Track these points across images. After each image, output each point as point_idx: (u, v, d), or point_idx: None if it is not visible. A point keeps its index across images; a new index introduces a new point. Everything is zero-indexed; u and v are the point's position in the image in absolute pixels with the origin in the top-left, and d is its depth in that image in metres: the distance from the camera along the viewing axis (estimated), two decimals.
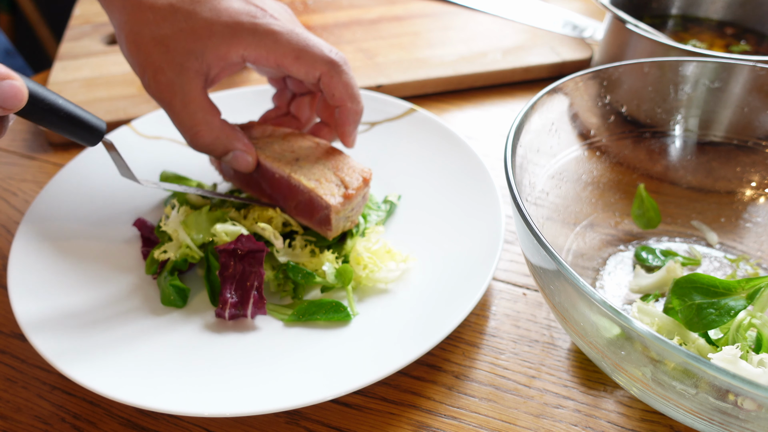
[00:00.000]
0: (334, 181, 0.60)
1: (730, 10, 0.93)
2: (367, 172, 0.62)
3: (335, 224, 0.60)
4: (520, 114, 0.54)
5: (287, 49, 0.58)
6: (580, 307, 0.44)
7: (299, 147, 0.64)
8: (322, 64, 0.59)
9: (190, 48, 0.56)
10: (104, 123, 0.55)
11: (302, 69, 0.59)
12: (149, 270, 0.62)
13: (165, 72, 0.56)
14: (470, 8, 1.12)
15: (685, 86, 0.65)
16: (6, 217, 0.74)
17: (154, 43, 0.56)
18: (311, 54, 0.58)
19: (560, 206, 0.63)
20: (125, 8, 0.57)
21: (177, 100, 0.57)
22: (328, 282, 0.59)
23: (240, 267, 0.58)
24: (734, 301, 0.49)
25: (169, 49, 0.56)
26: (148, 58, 0.56)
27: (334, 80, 0.59)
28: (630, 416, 0.53)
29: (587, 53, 0.98)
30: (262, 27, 0.57)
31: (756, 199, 0.65)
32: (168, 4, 0.56)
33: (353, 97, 0.61)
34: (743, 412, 0.38)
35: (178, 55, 0.56)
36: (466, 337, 0.59)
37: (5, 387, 0.56)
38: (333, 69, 0.59)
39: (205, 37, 0.56)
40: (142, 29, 0.56)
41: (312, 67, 0.59)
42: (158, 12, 0.56)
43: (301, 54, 0.58)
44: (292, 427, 0.52)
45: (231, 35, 0.57)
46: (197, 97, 0.58)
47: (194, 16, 0.56)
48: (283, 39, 0.57)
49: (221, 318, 0.57)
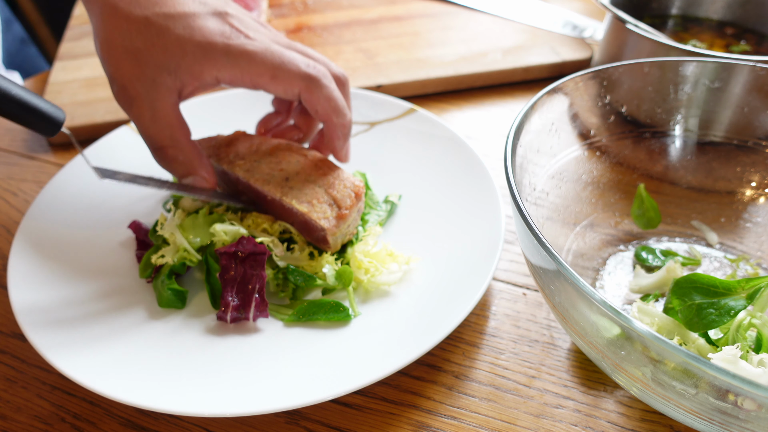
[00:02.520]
0: (326, 201, 0.60)
1: (730, 10, 0.93)
2: (359, 185, 0.61)
3: (333, 242, 0.61)
4: (520, 114, 0.54)
5: (262, 69, 0.56)
6: (580, 307, 0.44)
7: (288, 163, 0.63)
8: (300, 80, 0.57)
9: (163, 63, 0.55)
10: (63, 113, 0.53)
11: (280, 87, 0.58)
12: (143, 274, 0.62)
13: (134, 85, 0.55)
14: (470, 8, 1.12)
15: (685, 86, 0.65)
16: (6, 217, 0.74)
17: (125, 54, 0.55)
18: (287, 71, 0.57)
19: (560, 206, 0.63)
20: (102, 14, 0.55)
21: (146, 114, 0.56)
22: (329, 284, 0.59)
23: (241, 270, 0.58)
24: (734, 301, 0.49)
25: (140, 62, 0.55)
26: (118, 68, 0.55)
27: (315, 96, 0.58)
28: (630, 416, 0.53)
29: (587, 53, 0.98)
30: (235, 48, 0.56)
31: (756, 199, 0.65)
32: (143, 17, 0.55)
33: (337, 111, 0.60)
34: (743, 412, 0.38)
35: (149, 69, 0.55)
36: (466, 337, 0.59)
37: (5, 387, 0.56)
38: (312, 84, 0.58)
39: (178, 55, 0.55)
40: (115, 38, 0.55)
41: (290, 85, 0.58)
42: (132, 23, 0.54)
43: (277, 72, 0.57)
44: (292, 427, 0.52)
45: (203, 56, 0.55)
46: (168, 113, 0.56)
47: (167, 33, 0.55)
48: (258, 58, 0.56)
49: (223, 321, 0.57)
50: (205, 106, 0.80)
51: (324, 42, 1.02)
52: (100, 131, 0.84)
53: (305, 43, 1.02)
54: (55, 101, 0.88)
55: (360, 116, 0.79)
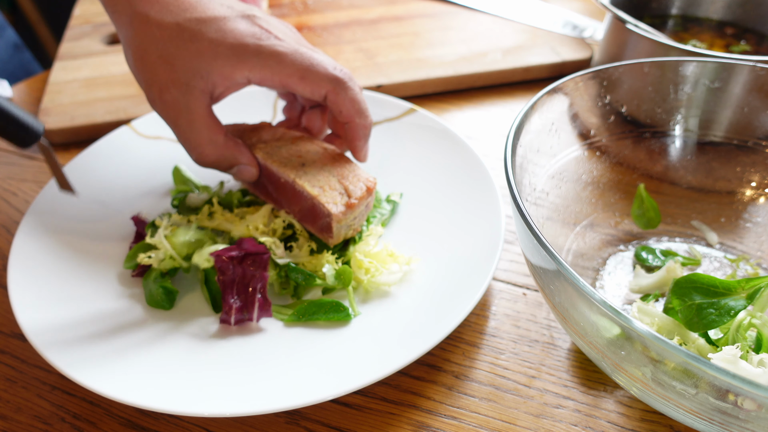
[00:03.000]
0: (338, 189, 0.60)
1: (730, 10, 0.93)
2: (372, 181, 0.62)
3: (336, 232, 0.61)
4: (520, 114, 0.54)
5: (292, 70, 0.58)
6: (580, 307, 0.44)
7: (306, 152, 0.64)
8: (327, 83, 0.59)
9: (196, 68, 0.56)
10: (41, 125, 0.53)
11: (308, 88, 0.59)
12: (127, 264, 0.62)
13: (170, 90, 0.57)
14: (470, 8, 1.12)
15: (685, 86, 0.65)
16: (6, 217, 0.74)
17: (160, 61, 0.56)
18: (316, 73, 0.58)
19: (560, 206, 0.63)
20: (132, 24, 0.57)
21: (182, 119, 0.58)
22: (328, 284, 0.59)
23: (240, 270, 0.58)
24: (734, 301, 0.49)
25: (175, 67, 0.56)
26: (154, 75, 0.57)
27: (341, 97, 0.60)
28: (630, 416, 0.53)
29: (587, 53, 0.98)
30: (267, 49, 0.57)
31: (756, 199, 0.65)
32: (175, 23, 0.56)
33: (361, 113, 0.62)
34: (743, 412, 0.38)
35: (183, 74, 0.56)
36: (466, 337, 0.59)
37: (5, 387, 0.56)
38: (338, 86, 0.59)
39: (210, 58, 0.56)
40: (148, 46, 0.56)
41: (317, 86, 0.59)
42: (165, 30, 0.56)
43: (306, 74, 0.58)
44: (292, 427, 0.52)
45: (236, 57, 0.57)
46: (202, 115, 0.58)
47: (200, 37, 0.56)
48: (287, 60, 0.58)
49: (226, 324, 0.57)
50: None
51: (324, 42, 1.03)
52: (100, 131, 0.84)
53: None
54: (55, 101, 0.88)
55: None
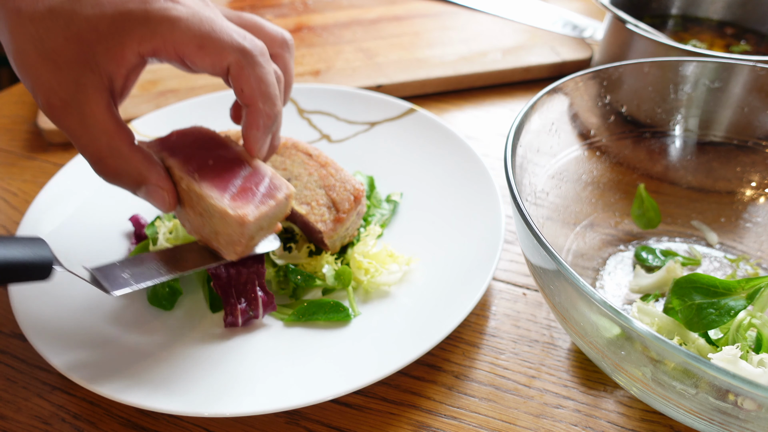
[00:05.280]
0: (325, 204, 0.60)
1: (730, 10, 0.93)
2: (359, 189, 0.61)
3: (331, 244, 0.61)
4: (520, 114, 0.54)
5: (187, 37, 0.47)
6: (580, 307, 0.44)
7: (292, 163, 0.63)
8: (231, 52, 0.48)
9: (81, 58, 0.47)
10: (49, 251, 0.45)
11: (207, 59, 0.48)
12: None
13: (57, 93, 0.47)
14: (470, 8, 1.12)
15: (685, 86, 0.65)
16: (6, 217, 0.74)
17: (41, 60, 0.47)
18: (217, 41, 0.48)
19: (560, 206, 0.63)
20: (6, 26, 0.48)
21: (75, 124, 0.48)
22: (328, 284, 0.59)
23: (234, 271, 0.57)
24: (734, 301, 0.49)
25: (58, 64, 0.47)
26: (37, 79, 0.47)
27: (245, 73, 0.49)
28: (630, 416, 0.53)
29: (587, 53, 0.98)
30: (156, 13, 0.47)
31: (756, 199, 0.65)
32: (47, 9, 0.46)
33: (266, 97, 0.50)
34: (743, 412, 0.38)
35: (70, 71, 0.47)
36: (466, 337, 0.59)
37: (5, 387, 0.56)
38: (244, 59, 0.49)
39: (94, 41, 0.46)
40: (26, 46, 0.47)
41: (218, 57, 0.48)
42: (39, 22, 0.46)
43: (205, 41, 0.47)
44: (292, 427, 0.52)
45: (120, 31, 0.46)
46: (100, 118, 0.48)
47: (75, 18, 0.46)
48: (182, 25, 0.47)
49: (234, 326, 0.57)
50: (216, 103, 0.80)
51: (324, 42, 1.02)
52: None
53: (305, 44, 1.02)
54: None
55: (360, 116, 0.79)
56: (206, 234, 0.53)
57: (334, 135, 0.78)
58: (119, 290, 0.48)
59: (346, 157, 0.75)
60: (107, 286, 0.48)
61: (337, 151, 0.76)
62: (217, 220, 0.51)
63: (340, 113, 0.80)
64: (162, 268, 0.52)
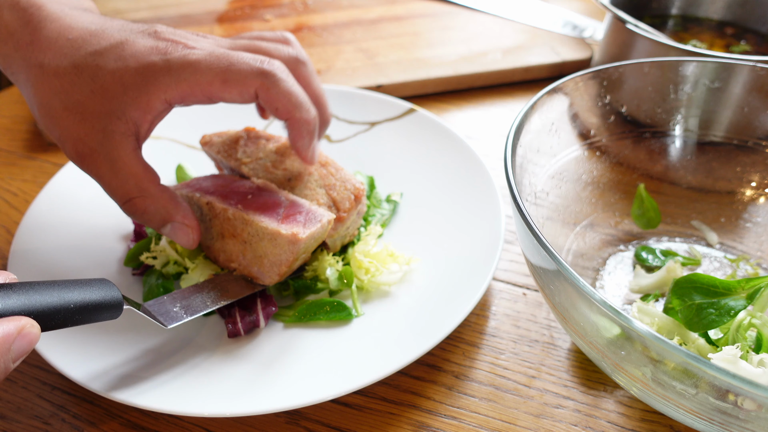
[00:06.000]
0: (326, 203, 0.60)
1: (730, 10, 0.93)
2: (359, 189, 0.61)
3: (332, 243, 0.61)
4: (520, 114, 0.54)
5: (210, 76, 0.50)
6: (580, 307, 0.44)
7: (291, 162, 0.63)
8: (254, 78, 0.51)
9: (108, 109, 0.50)
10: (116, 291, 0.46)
11: (234, 91, 0.52)
12: (128, 263, 0.62)
13: (85, 142, 0.50)
14: (470, 8, 1.12)
15: (685, 86, 0.65)
16: (6, 217, 0.74)
17: (67, 113, 0.50)
18: (237, 71, 0.51)
19: (560, 206, 0.63)
20: (29, 80, 0.51)
21: (105, 169, 0.51)
22: (332, 287, 0.59)
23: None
24: (734, 301, 0.49)
25: (85, 116, 0.50)
26: (65, 130, 0.50)
27: (272, 93, 0.52)
28: (630, 416, 0.53)
29: (587, 53, 0.98)
30: (176, 61, 0.50)
31: (756, 199, 0.65)
32: (71, 65, 0.50)
33: (299, 106, 0.54)
34: (743, 412, 0.38)
35: (97, 121, 0.50)
36: (466, 337, 0.59)
37: (5, 387, 0.56)
38: (267, 81, 0.52)
39: (120, 93, 0.50)
40: (51, 100, 0.50)
41: (244, 86, 0.51)
42: (63, 77, 0.50)
43: (227, 75, 0.51)
44: (292, 427, 0.52)
45: (145, 82, 0.50)
46: (128, 162, 0.51)
47: (100, 72, 0.50)
48: (202, 66, 0.50)
49: (237, 335, 0.56)
50: None
51: (324, 42, 1.02)
52: None
53: (305, 44, 1.02)
54: None
55: (360, 116, 0.79)
56: (248, 260, 0.57)
57: (334, 135, 0.78)
58: (173, 323, 0.51)
59: (346, 157, 0.75)
60: (162, 320, 0.51)
61: (337, 150, 0.76)
62: (266, 243, 0.55)
63: (340, 113, 0.80)
64: (208, 299, 0.55)
